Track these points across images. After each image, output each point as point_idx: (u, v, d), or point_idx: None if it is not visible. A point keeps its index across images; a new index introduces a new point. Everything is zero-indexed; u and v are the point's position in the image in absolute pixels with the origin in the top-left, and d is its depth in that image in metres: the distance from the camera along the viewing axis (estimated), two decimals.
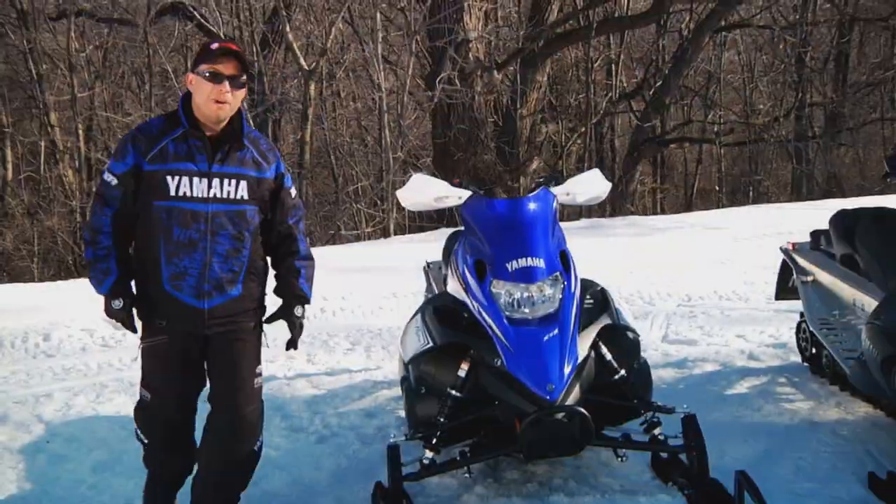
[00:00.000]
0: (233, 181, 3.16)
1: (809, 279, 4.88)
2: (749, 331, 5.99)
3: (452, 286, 3.85)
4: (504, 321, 3.45)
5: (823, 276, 4.72)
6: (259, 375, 3.33)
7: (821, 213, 5.76)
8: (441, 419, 3.53)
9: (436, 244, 5.57)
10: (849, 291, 4.42)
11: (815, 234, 4.99)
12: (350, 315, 6.97)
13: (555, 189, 3.95)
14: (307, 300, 3.39)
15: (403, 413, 3.92)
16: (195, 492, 3.34)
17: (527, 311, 3.49)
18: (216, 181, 3.13)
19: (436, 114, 12.17)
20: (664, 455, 3.78)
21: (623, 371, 3.61)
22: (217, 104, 3.09)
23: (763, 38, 21.67)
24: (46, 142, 16.40)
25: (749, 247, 8.67)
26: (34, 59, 16.56)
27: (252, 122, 13.98)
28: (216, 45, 3.14)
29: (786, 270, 5.28)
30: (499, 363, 3.41)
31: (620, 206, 18.27)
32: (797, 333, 5.21)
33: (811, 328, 4.74)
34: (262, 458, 4.11)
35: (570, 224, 11.13)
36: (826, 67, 21.79)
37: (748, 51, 23.33)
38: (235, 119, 3.20)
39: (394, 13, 12.60)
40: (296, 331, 3.36)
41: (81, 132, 15.23)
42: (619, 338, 3.71)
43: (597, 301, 3.79)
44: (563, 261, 3.64)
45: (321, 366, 5.77)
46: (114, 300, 3.13)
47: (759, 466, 3.85)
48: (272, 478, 3.99)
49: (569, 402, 3.36)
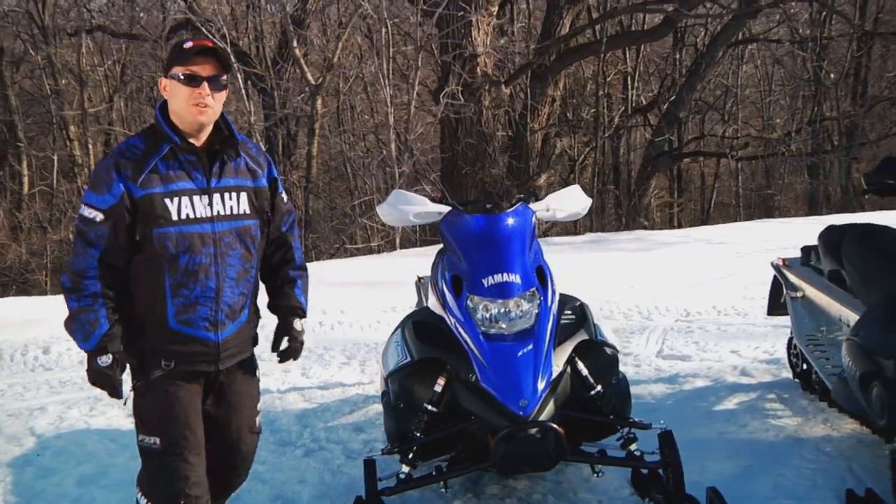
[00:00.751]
0: (233, 195, 2.86)
1: (798, 295, 4.87)
2: (744, 346, 5.98)
3: (432, 301, 3.87)
4: (479, 336, 3.47)
5: (811, 292, 4.71)
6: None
7: None
8: (417, 434, 3.55)
9: None
10: (835, 307, 4.40)
11: (806, 250, 4.98)
12: (348, 329, 7.00)
13: (534, 205, 3.97)
14: (305, 313, 3.18)
15: None
16: None
17: (503, 327, 3.51)
18: (217, 197, 2.82)
19: (444, 128, 12.23)
20: (644, 471, 3.78)
21: (599, 387, 3.61)
22: (197, 108, 2.77)
23: (780, 52, 21.64)
24: (61, 156, 16.59)
25: (752, 262, 8.63)
26: (54, 75, 16.84)
27: (261, 136, 14.19)
28: (189, 44, 2.81)
29: (777, 286, 5.26)
30: (473, 378, 3.43)
31: (633, 220, 18.25)
32: (788, 349, 5.20)
33: (798, 344, 4.73)
34: (251, 474, 4.18)
35: (575, 238, 11.15)
36: (842, 81, 21.69)
37: (765, 64, 23.28)
38: (222, 124, 2.91)
39: (403, 28, 12.63)
40: (297, 346, 3.15)
41: (91, 147, 15.37)
42: (596, 353, 3.71)
43: (575, 316, 3.81)
44: (540, 276, 3.66)
45: (315, 379, 5.81)
46: (100, 357, 2.73)
47: (739, 483, 3.86)
48: (255, 492, 4.01)
49: (542, 418, 3.36)
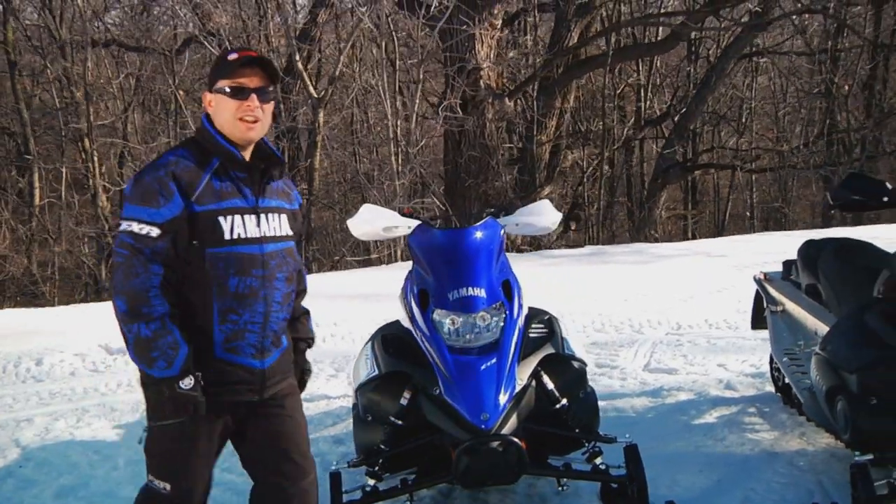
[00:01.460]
0: (275, 215, 2.73)
1: (778, 309, 4.88)
2: (731, 360, 5.97)
3: (402, 315, 3.91)
4: (445, 350, 3.50)
5: (790, 306, 4.72)
6: None
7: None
8: (383, 447, 3.59)
9: None
10: (811, 322, 4.41)
11: (787, 264, 4.98)
12: (339, 341, 7.04)
13: (504, 219, 4.00)
14: (314, 343, 3.10)
15: None
16: None
17: (468, 340, 3.55)
18: (263, 217, 2.68)
19: (447, 140, 12.31)
20: (614, 485, 3.80)
21: (565, 400, 3.63)
22: (246, 124, 2.62)
23: (792, 64, 21.58)
24: (70, 169, 16.78)
25: (749, 275, 8.58)
26: (70, 88, 17.02)
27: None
28: (234, 55, 2.65)
29: (760, 300, 5.27)
30: (437, 392, 3.47)
31: (642, 233, 18.24)
32: (770, 363, 5.19)
33: (775, 358, 4.73)
34: (222, 486, 4.24)
35: (575, 251, 11.18)
36: (853, 93, 21.59)
37: (780, 76, 23.19)
38: (260, 140, 2.76)
39: (410, 41, 12.70)
40: (308, 377, 3.07)
41: (96, 160, 15.56)
42: (563, 367, 3.73)
43: (544, 330, 3.84)
44: (507, 290, 3.69)
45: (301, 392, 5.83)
46: (183, 380, 2.52)
47: (708, 496, 3.88)
48: None
49: (505, 431, 3.39)
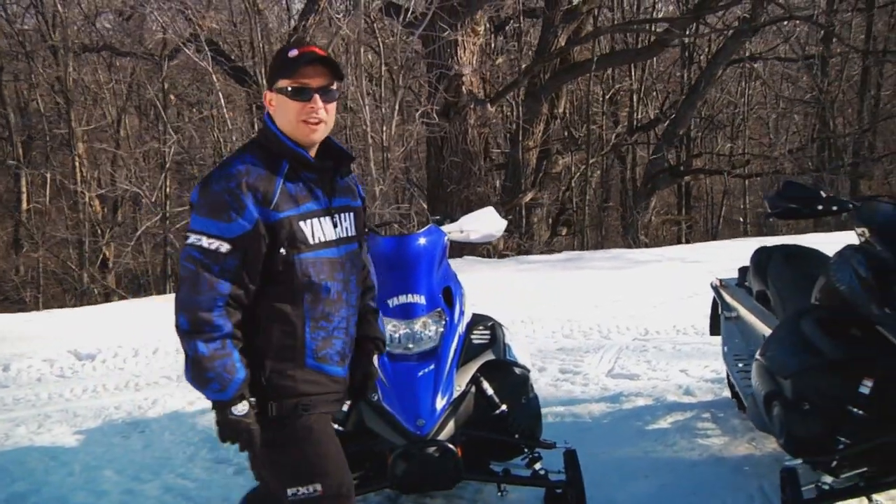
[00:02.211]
0: (346, 215, 2.63)
1: (732, 315, 4.91)
2: (694, 365, 6.00)
3: None
4: (384, 356, 3.54)
5: (742, 313, 4.75)
6: None
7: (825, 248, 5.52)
8: None
9: None
10: (760, 328, 4.44)
11: (742, 270, 5.02)
12: None
13: (447, 226, 4.04)
14: (385, 346, 2.95)
15: None
16: None
17: (410, 347, 3.59)
18: (337, 218, 2.58)
19: (430, 146, 12.36)
20: (558, 490, 3.83)
21: (504, 406, 3.66)
22: (309, 126, 2.49)
23: (786, 70, 21.67)
24: (53, 174, 16.85)
25: None
26: (64, 92, 17.06)
27: None
28: (295, 52, 2.50)
29: (717, 306, 5.31)
30: (376, 398, 3.51)
31: (628, 237, 18.30)
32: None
33: (726, 364, 4.77)
34: (175, 491, 4.28)
35: (552, 257, 11.22)
36: (847, 98, 21.71)
37: (773, 81, 23.27)
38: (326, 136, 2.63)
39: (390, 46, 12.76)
40: (370, 382, 2.87)
41: (78, 165, 15.61)
42: (504, 373, 3.77)
43: (486, 337, 3.88)
44: (448, 297, 3.73)
45: None
46: (237, 405, 2.40)
47: (649, 502, 3.91)
48: None
49: (442, 437, 3.43)
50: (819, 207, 3.66)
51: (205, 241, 2.39)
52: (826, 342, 3.44)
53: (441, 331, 3.61)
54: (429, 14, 10.27)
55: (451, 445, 3.39)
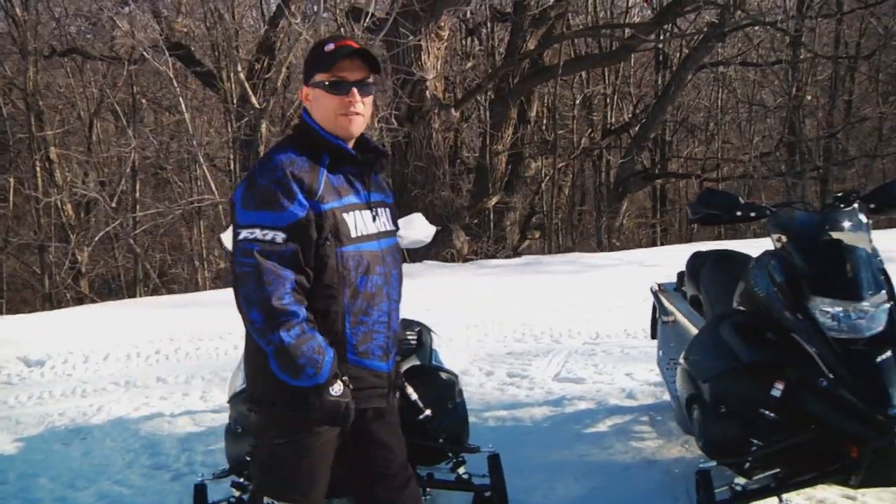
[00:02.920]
0: (383, 210, 2.66)
1: (668, 319, 4.96)
2: (639, 369, 6.05)
3: None
4: None
5: (677, 317, 4.80)
6: None
7: None
8: (248, 458, 3.63)
9: None
10: (692, 332, 4.49)
11: (680, 275, 5.08)
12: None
13: None
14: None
15: None
16: None
17: None
18: (376, 212, 2.60)
19: (394, 150, 12.39)
20: (487, 494, 3.86)
21: (429, 411, 3.69)
22: (346, 119, 2.50)
23: (755, 75, 21.85)
24: (16, 178, 16.78)
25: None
26: (35, 95, 16.95)
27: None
28: (332, 46, 2.53)
29: (655, 310, 5.36)
30: None
31: (598, 240, 18.43)
32: None
33: (659, 368, 4.82)
34: (110, 498, 4.28)
35: (511, 261, 11.26)
36: (821, 103, 21.92)
37: (743, 86, 23.45)
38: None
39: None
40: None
41: (39, 170, 15.53)
42: (430, 378, 3.80)
43: (413, 342, 3.90)
44: None
45: (212, 403, 5.86)
46: (333, 386, 2.40)
47: None
48: None
49: None
50: (738, 213, 3.72)
51: (259, 233, 2.39)
52: (742, 346, 3.49)
53: None
54: (389, 19, 10.29)
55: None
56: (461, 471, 3.67)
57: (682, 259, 10.28)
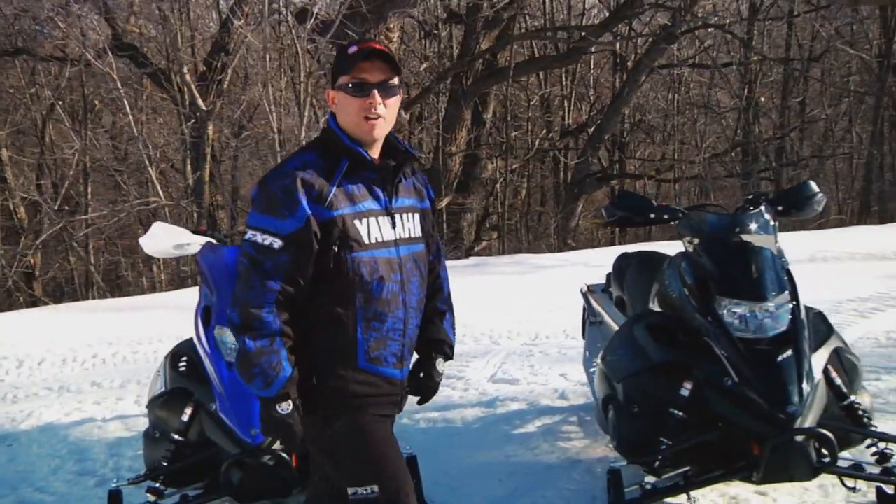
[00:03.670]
0: (408, 215, 2.60)
1: (596, 321, 5.01)
2: (574, 370, 6.06)
3: (195, 333, 3.95)
4: (223, 367, 3.56)
5: (603, 318, 4.85)
6: None
7: None
8: (164, 463, 3.63)
9: None
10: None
11: (608, 276, 5.13)
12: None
13: None
14: (453, 351, 2.84)
15: None
16: None
17: None
18: (398, 218, 2.55)
19: None
20: None
21: None
22: (368, 123, 2.47)
23: (706, 77, 22.14)
24: None
25: None
26: None
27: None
28: (355, 48, 2.51)
29: (585, 311, 5.41)
30: (214, 408, 3.53)
31: (543, 241, 18.57)
32: None
33: (584, 369, 4.87)
34: None
35: (458, 262, 11.27)
36: (773, 104, 22.25)
37: (698, 87, 23.70)
38: (390, 136, 2.61)
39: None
40: (436, 387, 2.79)
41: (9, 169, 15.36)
42: None
43: None
44: None
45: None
46: (280, 404, 2.41)
47: None
48: None
49: (277, 446, 3.45)
50: (651, 216, 3.79)
51: (259, 237, 2.42)
52: (653, 347, 3.55)
53: None
54: (336, 21, 10.28)
55: (284, 454, 3.41)
56: None
57: None
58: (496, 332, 7.29)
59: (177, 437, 3.62)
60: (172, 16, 11.83)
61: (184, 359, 3.83)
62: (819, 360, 3.35)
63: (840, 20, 21.30)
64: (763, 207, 3.59)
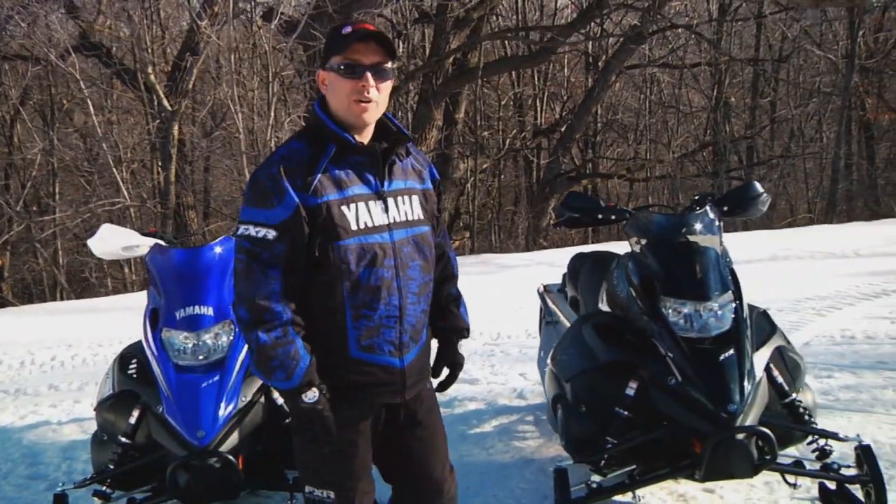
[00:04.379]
0: (405, 198, 2.53)
1: (550, 320, 5.03)
2: (533, 369, 6.07)
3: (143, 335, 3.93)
4: (170, 368, 3.54)
5: (558, 318, 4.87)
6: None
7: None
8: (112, 466, 3.60)
9: None
10: None
11: (563, 276, 5.15)
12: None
13: None
14: (469, 334, 2.88)
15: None
16: None
17: (200, 358, 3.59)
18: (391, 202, 2.48)
19: None
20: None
21: None
22: (359, 105, 2.41)
23: (675, 77, 22.30)
24: None
25: None
26: None
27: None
28: (349, 29, 2.44)
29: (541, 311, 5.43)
30: (161, 410, 3.51)
31: (513, 241, 18.62)
32: None
33: (539, 369, 4.89)
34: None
35: None
36: (744, 103, 22.45)
37: (671, 87, 23.85)
38: (385, 119, 2.56)
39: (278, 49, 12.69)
40: (458, 373, 2.83)
41: None
42: None
43: None
44: None
45: None
46: (307, 392, 2.37)
47: None
48: None
49: (225, 448, 3.44)
50: (599, 216, 3.81)
51: (252, 230, 2.38)
52: (601, 346, 3.58)
53: (229, 342, 3.63)
54: (302, 21, 10.26)
55: (231, 456, 3.40)
56: None
57: None
58: None
59: (124, 440, 3.60)
60: (136, 15, 11.74)
61: (132, 361, 3.80)
62: (761, 359, 3.39)
63: (808, 20, 21.57)
64: (708, 208, 3.63)
